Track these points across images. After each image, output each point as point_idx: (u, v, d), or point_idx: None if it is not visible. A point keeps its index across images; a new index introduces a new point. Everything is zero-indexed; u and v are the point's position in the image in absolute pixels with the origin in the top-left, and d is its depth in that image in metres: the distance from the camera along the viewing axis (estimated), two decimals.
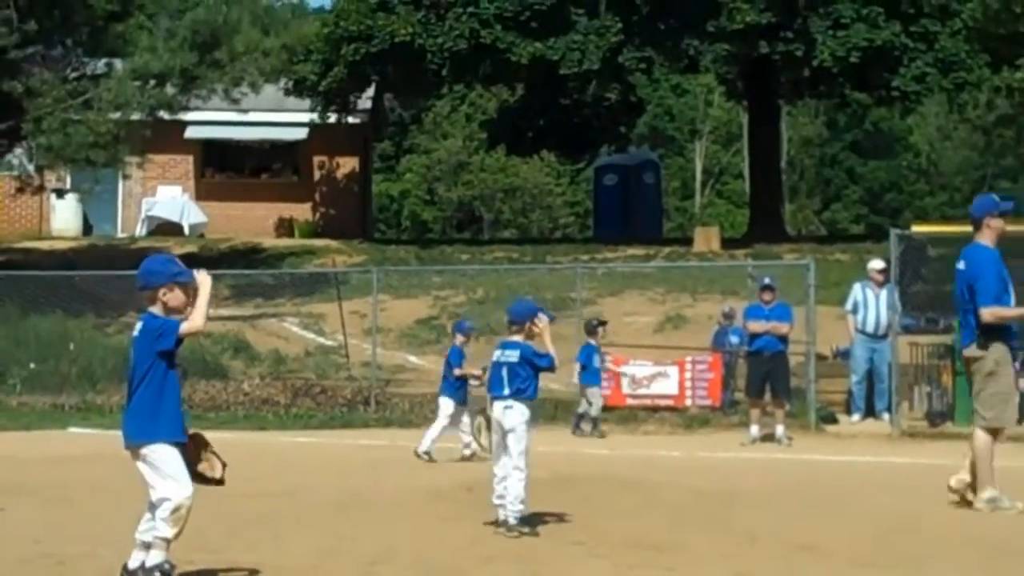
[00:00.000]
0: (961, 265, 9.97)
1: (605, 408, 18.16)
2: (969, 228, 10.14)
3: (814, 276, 18.37)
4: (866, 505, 9.79)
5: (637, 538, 8.57)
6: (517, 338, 8.90)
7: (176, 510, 6.38)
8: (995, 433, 9.74)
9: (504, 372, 8.79)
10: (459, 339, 14.67)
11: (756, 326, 16.45)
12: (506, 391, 8.72)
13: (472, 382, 14.18)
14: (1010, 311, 9.83)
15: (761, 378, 16.36)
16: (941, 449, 14.70)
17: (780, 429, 16.22)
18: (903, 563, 7.68)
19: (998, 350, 9.68)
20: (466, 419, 13.92)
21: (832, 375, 19.08)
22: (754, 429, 16.31)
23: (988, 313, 9.69)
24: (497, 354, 8.96)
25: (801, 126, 51.98)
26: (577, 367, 17.20)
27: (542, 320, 8.79)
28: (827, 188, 56.09)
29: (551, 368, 8.92)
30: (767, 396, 16.40)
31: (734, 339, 18.68)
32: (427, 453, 13.64)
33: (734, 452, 15.46)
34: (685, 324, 22.82)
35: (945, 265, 18.71)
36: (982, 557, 7.85)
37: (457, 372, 14.23)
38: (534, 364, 8.75)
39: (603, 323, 18.08)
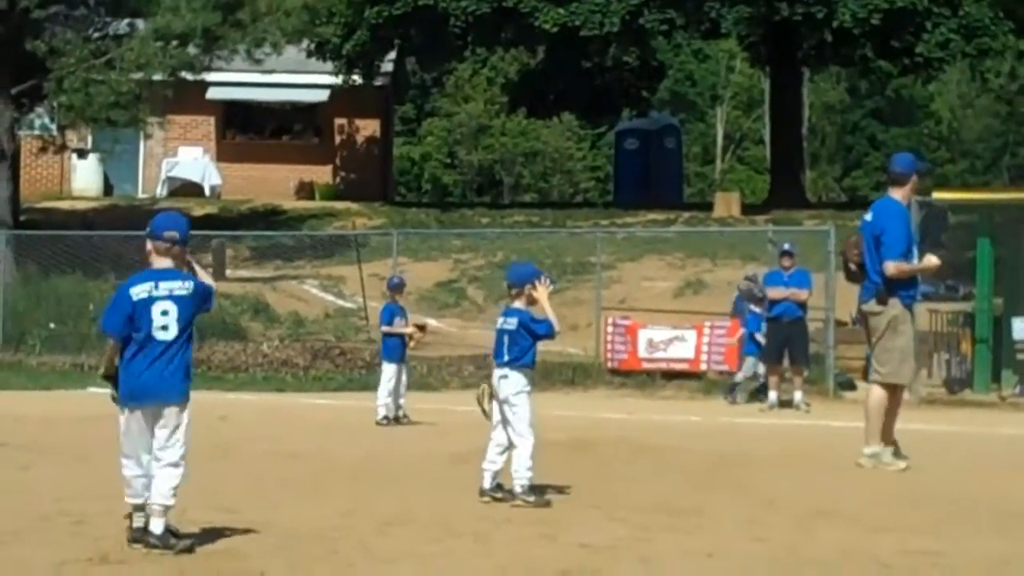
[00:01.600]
0: (868, 217, 10.07)
1: (622, 373, 18.21)
2: (990, 195, 10.33)
3: (834, 243, 18.31)
4: (883, 471, 9.81)
5: (655, 502, 8.64)
6: (518, 304, 8.76)
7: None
8: (892, 390, 9.91)
9: (505, 339, 8.66)
10: (390, 296, 14.75)
11: (775, 292, 16.48)
12: (505, 359, 8.60)
13: (410, 343, 14.24)
14: (912, 265, 9.96)
15: (780, 344, 16.38)
16: (959, 416, 14.73)
17: (798, 395, 16.28)
18: (920, 528, 7.71)
19: (896, 306, 9.79)
20: (385, 383, 13.88)
21: (851, 341, 19.07)
22: (772, 395, 16.36)
23: (892, 266, 9.77)
24: (500, 321, 8.86)
25: (823, 92, 51.82)
26: (742, 334, 17.52)
27: (539, 285, 8.64)
28: (848, 155, 56.11)
29: (549, 335, 8.73)
30: (785, 362, 16.41)
31: (747, 304, 18.73)
32: (385, 418, 13.72)
33: (753, 417, 15.50)
34: (704, 289, 22.99)
35: (966, 232, 18.82)
36: (997, 522, 7.90)
37: (383, 329, 14.18)
38: (531, 331, 8.61)
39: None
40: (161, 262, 6.81)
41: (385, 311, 14.35)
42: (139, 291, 6.75)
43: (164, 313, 6.72)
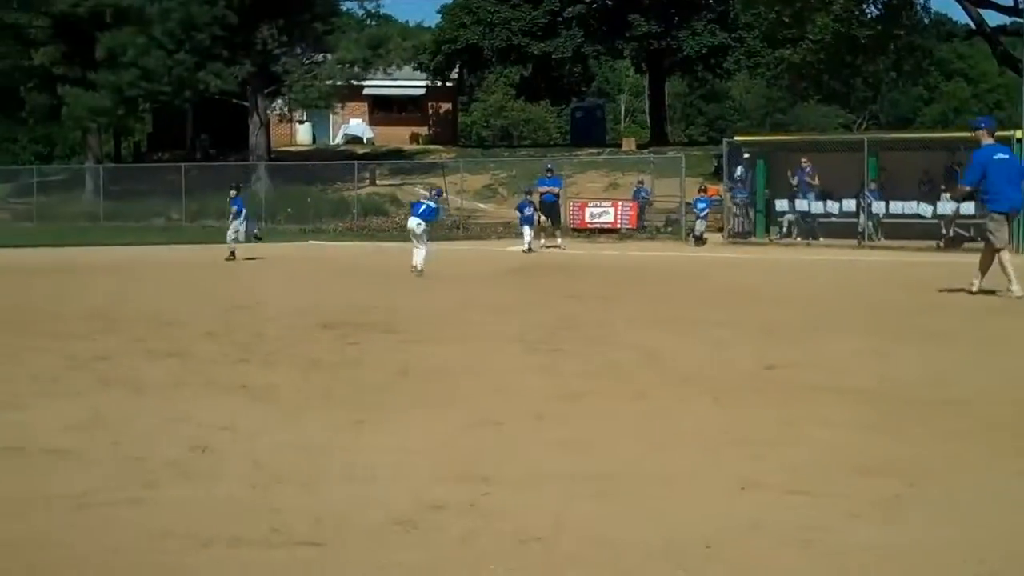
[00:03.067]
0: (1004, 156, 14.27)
1: (577, 230, 31.69)
2: (760, 137, 19.70)
3: (683, 163, 32.56)
4: (707, 276, 17.53)
5: (597, 291, 14.57)
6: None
7: None
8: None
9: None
10: (426, 195, 20.09)
11: (543, 189, 28.33)
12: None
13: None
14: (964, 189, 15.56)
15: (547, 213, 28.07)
16: (751, 249, 25.72)
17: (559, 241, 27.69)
18: (748, 315, 12.28)
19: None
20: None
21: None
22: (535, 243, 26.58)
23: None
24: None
25: (676, 85, 77.88)
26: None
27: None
28: (689, 118, 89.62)
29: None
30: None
31: (643, 194, 31.85)
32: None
33: (642, 252, 25.89)
34: (618, 188, 38.61)
35: (752, 159, 30.10)
36: (767, 300, 15.46)
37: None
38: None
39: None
40: None
41: (430, 209, 19.01)
42: None
43: None
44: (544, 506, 4.77)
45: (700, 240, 28.74)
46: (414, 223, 18.52)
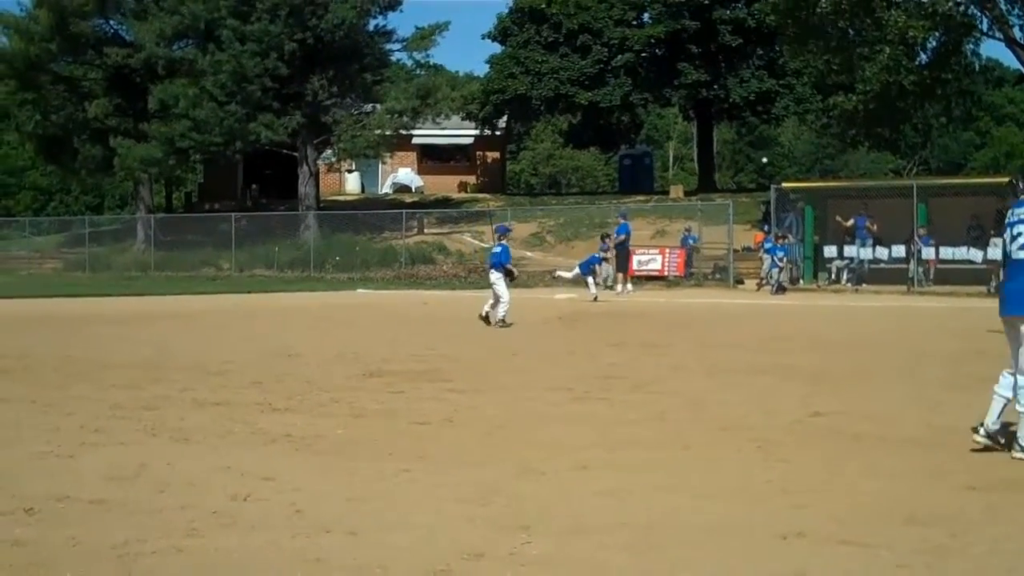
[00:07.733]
0: None
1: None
2: (809, 183, 19.45)
3: (732, 210, 32.58)
4: (754, 323, 17.85)
5: (643, 339, 15.13)
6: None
7: None
8: None
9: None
10: (500, 239, 19.35)
11: (618, 238, 29.50)
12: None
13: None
14: None
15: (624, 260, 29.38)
16: (799, 295, 26.13)
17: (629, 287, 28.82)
18: (781, 354, 13.24)
19: None
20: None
21: (743, 259, 32.10)
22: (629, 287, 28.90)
23: None
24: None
25: (724, 132, 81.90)
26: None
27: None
28: (737, 165, 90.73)
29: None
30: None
31: (691, 241, 31.83)
32: (484, 316, 18.23)
33: (689, 299, 25.93)
34: (666, 235, 37.22)
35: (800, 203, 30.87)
36: (812, 344, 15.53)
37: (509, 267, 18.74)
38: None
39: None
40: None
41: (506, 251, 19.17)
42: None
43: None
44: (584, 556, 4.75)
45: (781, 289, 28.09)
46: (491, 275, 18.64)
